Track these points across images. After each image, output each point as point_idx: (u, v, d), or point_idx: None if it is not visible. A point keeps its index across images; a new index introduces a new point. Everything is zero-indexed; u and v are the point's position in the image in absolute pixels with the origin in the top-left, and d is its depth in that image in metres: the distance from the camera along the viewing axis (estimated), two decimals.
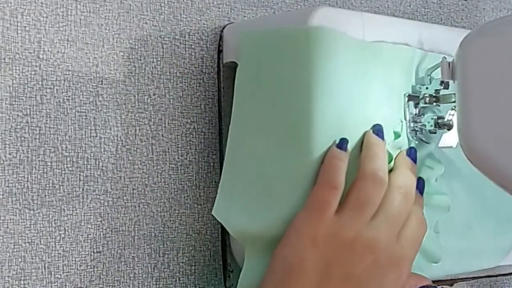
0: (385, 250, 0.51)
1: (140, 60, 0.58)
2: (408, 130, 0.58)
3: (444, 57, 0.53)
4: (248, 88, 0.55)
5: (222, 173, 0.55)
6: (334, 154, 0.52)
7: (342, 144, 0.53)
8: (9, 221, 0.52)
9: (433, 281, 0.57)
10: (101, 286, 0.56)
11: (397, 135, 0.57)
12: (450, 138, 0.57)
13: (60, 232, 0.54)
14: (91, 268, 0.55)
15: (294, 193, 0.52)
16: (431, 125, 0.57)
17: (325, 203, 0.51)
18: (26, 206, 0.53)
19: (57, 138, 0.54)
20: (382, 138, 0.54)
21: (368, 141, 0.54)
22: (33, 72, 0.53)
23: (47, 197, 0.53)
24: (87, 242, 0.55)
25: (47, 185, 0.53)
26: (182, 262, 0.60)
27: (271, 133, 0.53)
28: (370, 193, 0.52)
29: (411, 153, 0.56)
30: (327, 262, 0.50)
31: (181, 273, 0.60)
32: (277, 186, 0.53)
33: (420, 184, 0.56)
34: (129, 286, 0.57)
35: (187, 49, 0.60)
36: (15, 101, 0.52)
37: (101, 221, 0.56)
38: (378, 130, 0.55)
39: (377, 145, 0.54)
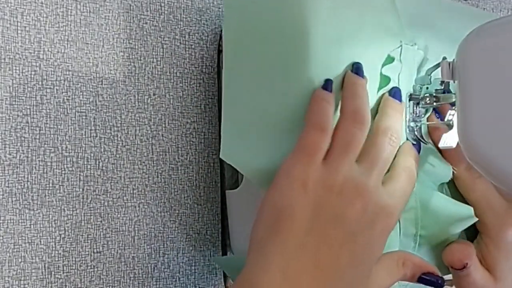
0: (373, 194, 0.50)
1: (140, 60, 0.58)
2: (408, 131, 0.58)
3: (444, 57, 0.53)
4: (238, 33, 0.53)
5: (222, 118, 0.54)
6: (320, 95, 0.52)
7: (327, 85, 0.52)
8: (9, 221, 0.52)
9: None
10: (101, 286, 0.56)
11: (390, 59, 0.56)
12: (450, 138, 0.57)
13: (60, 232, 0.54)
14: (91, 268, 0.55)
15: (296, 126, 0.52)
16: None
17: (315, 146, 0.50)
18: (26, 206, 0.53)
19: (57, 138, 0.54)
20: (362, 76, 0.54)
21: (348, 81, 0.53)
22: (33, 72, 0.53)
23: (47, 197, 0.53)
24: (87, 242, 0.55)
25: (47, 185, 0.53)
26: (182, 262, 0.60)
27: (267, 68, 0.52)
28: (352, 133, 0.51)
29: (394, 93, 0.56)
30: (317, 207, 0.49)
31: (181, 273, 0.60)
32: (279, 121, 0.52)
33: (417, 146, 0.56)
34: (129, 286, 0.57)
35: (187, 49, 0.60)
36: (15, 101, 0.52)
37: (101, 221, 0.56)
38: (357, 69, 0.54)
39: (356, 84, 0.53)
